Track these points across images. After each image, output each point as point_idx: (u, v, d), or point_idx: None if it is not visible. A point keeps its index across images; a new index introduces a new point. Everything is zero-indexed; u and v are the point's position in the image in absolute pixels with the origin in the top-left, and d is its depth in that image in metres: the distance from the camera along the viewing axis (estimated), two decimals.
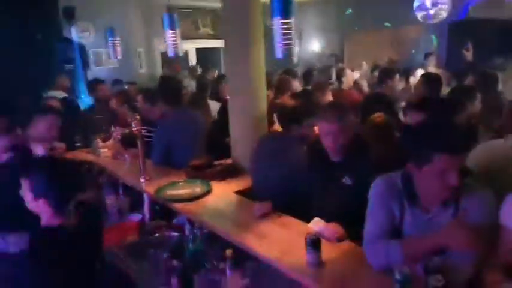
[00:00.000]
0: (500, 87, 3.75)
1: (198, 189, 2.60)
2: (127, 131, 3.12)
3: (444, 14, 5.20)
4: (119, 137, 3.43)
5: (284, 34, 1.95)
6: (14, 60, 5.16)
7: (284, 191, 2.26)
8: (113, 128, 3.56)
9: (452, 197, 1.45)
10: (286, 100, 4.05)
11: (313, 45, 9.56)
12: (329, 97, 3.92)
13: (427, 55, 6.41)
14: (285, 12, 1.97)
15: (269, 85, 3.32)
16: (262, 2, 3.05)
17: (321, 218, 1.93)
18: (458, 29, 6.68)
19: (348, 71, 5.18)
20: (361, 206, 1.66)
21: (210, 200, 2.49)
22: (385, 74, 4.14)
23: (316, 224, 1.90)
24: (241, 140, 3.15)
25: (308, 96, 3.36)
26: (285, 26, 1.93)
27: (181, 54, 2.82)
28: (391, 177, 1.61)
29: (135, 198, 3.04)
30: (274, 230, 2.01)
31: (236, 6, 3.01)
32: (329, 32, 9.17)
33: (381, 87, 4.08)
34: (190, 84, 5.93)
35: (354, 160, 1.99)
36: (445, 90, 3.70)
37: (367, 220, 1.61)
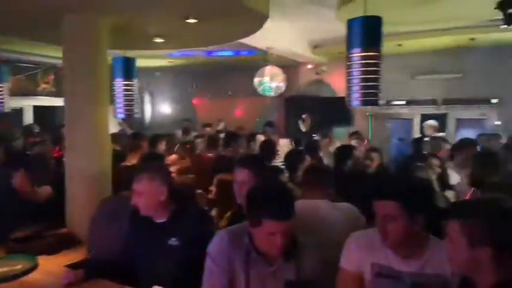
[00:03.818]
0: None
1: (19, 266, 2.18)
2: None
3: (280, 90, 6.02)
4: None
5: (126, 95, 1.92)
6: None
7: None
8: None
9: (285, 254, 1.51)
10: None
11: (166, 110, 9.82)
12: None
13: (267, 123, 7.07)
14: (128, 74, 1.97)
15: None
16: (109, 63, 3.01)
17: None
18: (292, 103, 7.90)
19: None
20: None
21: (37, 278, 2.11)
22: (231, 138, 4.43)
23: None
24: (79, 205, 2.85)
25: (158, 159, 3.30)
26: (127, 88, 1.91)
27: (7, 110, 2.45)
28: (237, 230, 1.62)
29: None
30: None
31: (81, 64, 2.89)
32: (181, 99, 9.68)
33: (226, 150, 4.31)
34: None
35: (179, 221, 1.94)
36: None
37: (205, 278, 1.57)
